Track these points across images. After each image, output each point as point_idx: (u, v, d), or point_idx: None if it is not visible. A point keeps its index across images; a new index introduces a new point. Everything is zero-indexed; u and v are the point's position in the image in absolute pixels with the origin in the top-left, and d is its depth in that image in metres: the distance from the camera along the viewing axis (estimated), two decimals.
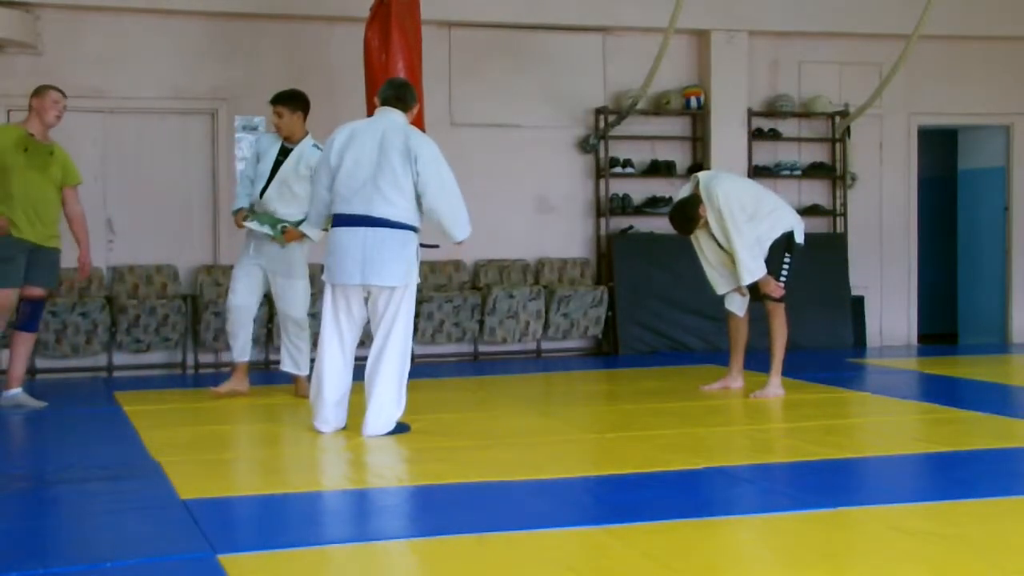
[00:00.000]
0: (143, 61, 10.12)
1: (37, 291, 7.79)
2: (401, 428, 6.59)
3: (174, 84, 10.19)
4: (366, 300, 6.60)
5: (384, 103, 6.65)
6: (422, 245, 6.69)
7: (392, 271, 6.41)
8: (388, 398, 6.50)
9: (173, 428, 6.99)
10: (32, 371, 9.72)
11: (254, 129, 10.23)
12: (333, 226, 6.59)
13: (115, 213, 10.12)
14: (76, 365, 9.79)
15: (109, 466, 5.86)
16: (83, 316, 9.53)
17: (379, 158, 6.42)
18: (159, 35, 10.17)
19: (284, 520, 4.85)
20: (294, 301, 7.83)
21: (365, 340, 6.79)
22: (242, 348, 8.02)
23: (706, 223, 7.88)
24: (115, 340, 9.72)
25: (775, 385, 7.91)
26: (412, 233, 6.51)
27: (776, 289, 7.87)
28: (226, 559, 4.10)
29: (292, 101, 7.82)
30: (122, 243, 10.13)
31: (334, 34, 10.48)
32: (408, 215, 6.46)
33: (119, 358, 9.87)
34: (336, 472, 6.04)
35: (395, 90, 6.70)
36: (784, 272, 7.93)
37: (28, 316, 7.81)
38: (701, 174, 8.07)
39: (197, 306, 9.96)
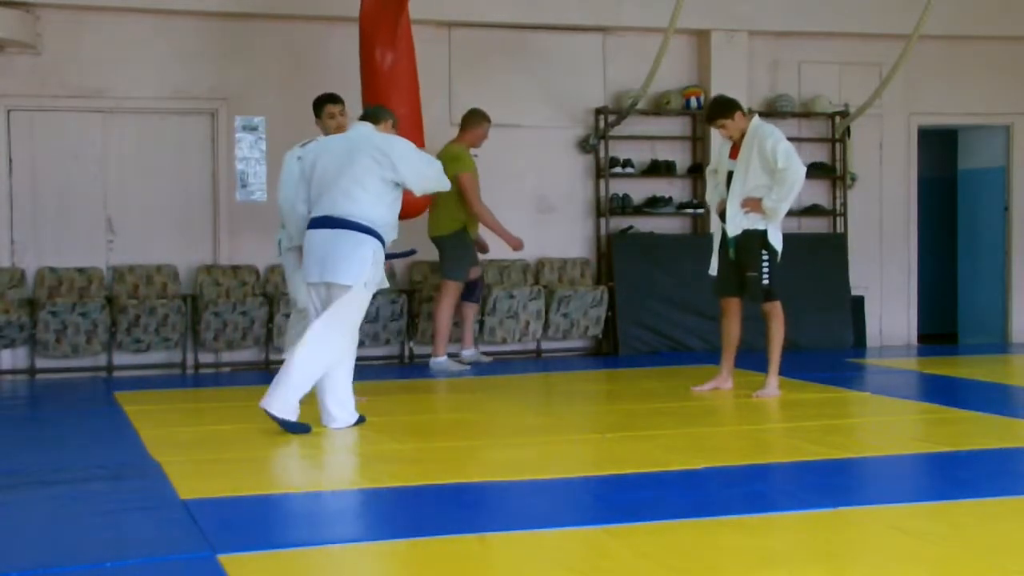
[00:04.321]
0: (143, 61, 10.11)
1: (477, 271, 9.99)
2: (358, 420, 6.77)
3: (174, 84, 10.19)
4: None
5: (359, 119, 7.09)
6: (396, 255, 7.08)
7: (345, 269, 6.62)
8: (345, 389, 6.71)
9: (173, 428, 7.00)
10: (32, 371, 9.73)
11: (254, 129, 10.22)
12: (307, 228, 6.84)
13: (115, 213, 10.11)
14: (76, 365, 9.78)
15: (109, 466, 5.86)
16: (83, 316, 9.52)
17: (346, 160, 6.72)
18: (159, 35, 10.17)
19: (284, 520, 4.85)
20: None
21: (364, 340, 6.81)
22: None
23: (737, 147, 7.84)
24: (115, 340, 9.72)
25: (773, 386, 7.91)
26: (369, 236, 6.65)
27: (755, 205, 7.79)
28: (226, 559, 4.10)
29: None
30: (122, 243, 10.13)
31: (334, 34, 10.47)
32: (370, 216, 6.65)
33: (119, 358, 9.87)
34: (336, 472, 6.05)
35: (367, 109, 7.23)
36: (765, 268, 7.86)
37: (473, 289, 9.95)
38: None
39: (197, 306, 9.95)
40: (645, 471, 5.56)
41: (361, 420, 6.75)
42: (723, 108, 7.93)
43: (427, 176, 6.87)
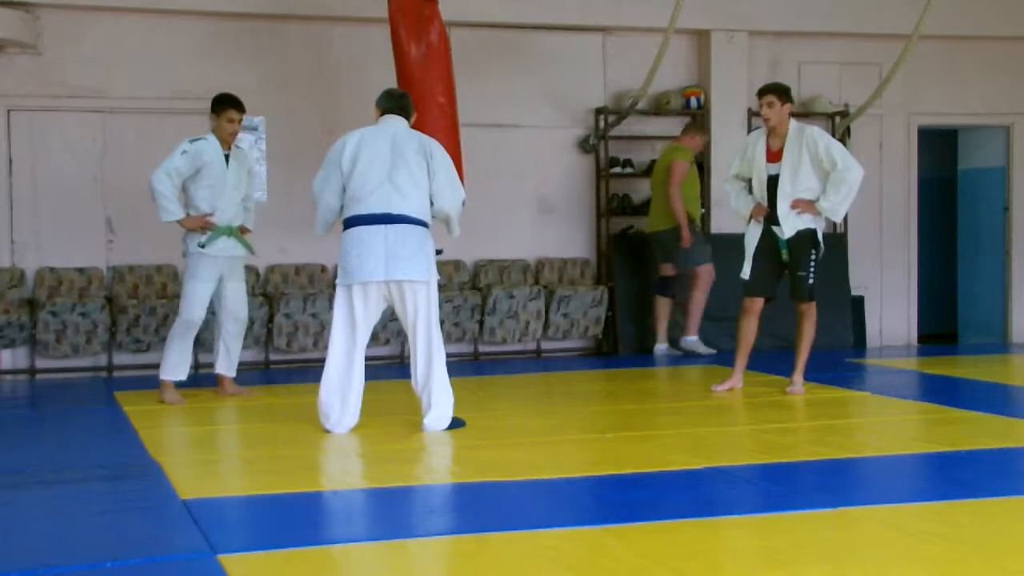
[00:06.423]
0: (143, 61, 10.11)
1: (671, 269, 10.50)
2: (458, 423, 6.74)
3: (174, 84, 10.18)
4: (384, 300, 6.70)
5: (386, 112, 6.83)
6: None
7: (417, 265, 6.56)
8: (445, 394, 6.69)
9: (173, 428, 7.00)
10: (32, 371, 9.74)
11: (254, 129, 10.22)
12: (348, 227, 6.66)
13: (115, 213, 10.11)
14: (76, 365, 9.78)
15: (109, 466, 5.86)
16: (83, 316, 9.53)
17: (393, 156, 6.60)
18: (159, 35, 10.17)
19: (284, 520, 4.84)
20: (243, 302, 8.02)
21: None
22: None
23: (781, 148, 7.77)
24: (115, 340, 9.72)
25: (800, 383, 7.94)
26: (427, 230, 6.66)
27: (809, 205, 7.74)
28: (226, 559, 4.11)
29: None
30: (122, 243, 10.13)
31: (334, 34, 10.48)
32: (422, 211, 6.63)
33: (119, 358, 9.87)
34: (336, 472, 6.04)
35: (396, 100, 6.89)
36: (812, 268, 7.88)
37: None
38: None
39: None
40: (645, 471, 5.56)
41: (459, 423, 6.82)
42: (784, 91, 7.86)
43: (455, 195, 6.69)
